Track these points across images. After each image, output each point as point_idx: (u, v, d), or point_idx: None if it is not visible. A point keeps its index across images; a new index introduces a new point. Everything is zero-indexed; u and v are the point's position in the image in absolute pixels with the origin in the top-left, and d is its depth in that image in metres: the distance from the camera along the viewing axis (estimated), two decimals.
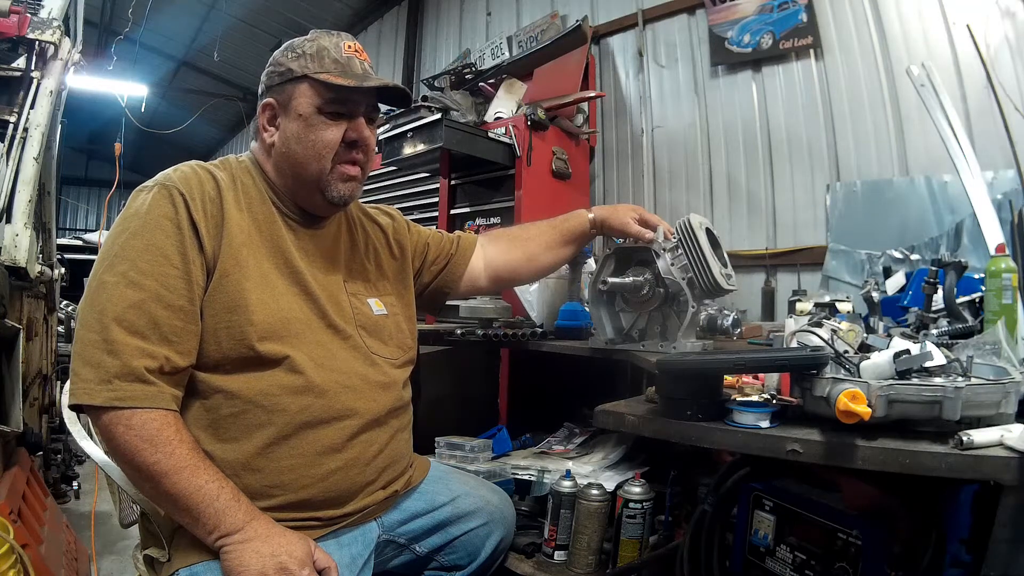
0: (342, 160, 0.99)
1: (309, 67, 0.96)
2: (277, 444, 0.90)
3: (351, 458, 0.96)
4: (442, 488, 1.15)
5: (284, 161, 0.99)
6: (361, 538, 0.99)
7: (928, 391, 0.73)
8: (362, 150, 1.00)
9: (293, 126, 0.97)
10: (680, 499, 1.43)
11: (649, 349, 1.30)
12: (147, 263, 0.85)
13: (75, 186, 11.47)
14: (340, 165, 0.99)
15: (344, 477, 0.95)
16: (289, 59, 0.98)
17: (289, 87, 0.97)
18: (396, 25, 4.79)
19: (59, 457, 2.69)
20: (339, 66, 0.97)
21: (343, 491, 0.96)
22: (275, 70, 0.99)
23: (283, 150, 0.99)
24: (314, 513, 0.93)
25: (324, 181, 0.98)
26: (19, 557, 1.19)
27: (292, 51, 0.99)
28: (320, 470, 0.92)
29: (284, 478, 0.90)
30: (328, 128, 0.97)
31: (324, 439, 0.93)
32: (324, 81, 0.95)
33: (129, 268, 0.85)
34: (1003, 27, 1.97)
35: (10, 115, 2.06)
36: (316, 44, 0.98)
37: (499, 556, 1.21)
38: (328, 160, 0.97)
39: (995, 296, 1.09)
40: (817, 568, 0.93)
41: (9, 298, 1.91)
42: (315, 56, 0.97)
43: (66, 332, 4.28)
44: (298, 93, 0.96)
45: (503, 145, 2.60)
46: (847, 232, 2.24)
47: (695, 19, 2.81)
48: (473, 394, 1.95)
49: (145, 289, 0.84)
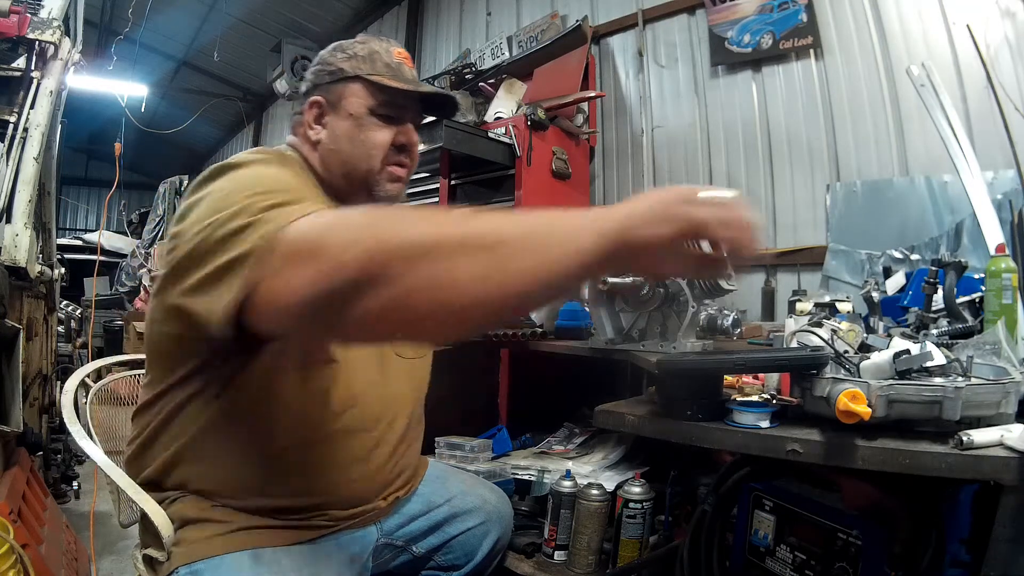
0: (391, 162, 0.99)
1: (362, 68, 0.96)
2: (311, 447, 0.90)
3: (376, 466, 0.97)
4: (439, 488, 1.15)
5: (333, 159, 0.98)
6: (360, 540, 0.99)
7: (928, 391, 0.73)
8: (409, 155, 1.01)
9: (344, 125, 0.97)
10: (680, 499, 1.43)
11: (649, 349, 1.30)
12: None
13: (75, 186, 11.46)
14: (389, 166, 0.99)
15: (362, 484, 0.97)
16: (340, 59, 0.98)
17: (340, 86, 0.97)
18: (396, 25, 4.78)
19: (59, 457, 2.69)
20: (391, 70, 0.98)
21: (355, 496, 0.96)
22: (324, 69, 0.99)
23: (332, 147, 0.98)
24: (323, 512, 0.93)
25: (373, 180, 0.98)
26: (19, 557, 1.19)
27: (342, 51, 0.99)
28: (347, 476, 0.93)
29: (311, 481, 0.90)
30: (379, 129, 0.97)
31: (355, 446, 0.94)
32: (378, 83, 0.95)
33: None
34: (1003, 27, 1.97)
35: (10, 115, 2.06)
36: (368, 47, 0.99)
37: (496, 555, 1.21)
38: (378, 160, 0.97)
39: (995, 296, 1.09)
40: (817, 568, 0.93)
41: (9, 298, 1.91)
42: (367, 58, 0.97)
43: (66, 332, 4.29)
44: (349, 93, 0.96)
45: (503, 145, 2.60)
46: (847, 232, 2.24)
47: (695, 19, 2.81)
48: (473, 394, 1.95)
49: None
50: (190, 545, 0.85)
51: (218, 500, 0.88)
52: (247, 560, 0.84)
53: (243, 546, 0.85)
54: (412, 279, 0.53)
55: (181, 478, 0.89)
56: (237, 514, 0.88)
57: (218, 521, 0.87)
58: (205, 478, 0.88)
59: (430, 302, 0.55)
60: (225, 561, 0.83)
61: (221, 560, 0.83)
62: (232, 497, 0.88)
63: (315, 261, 0.56)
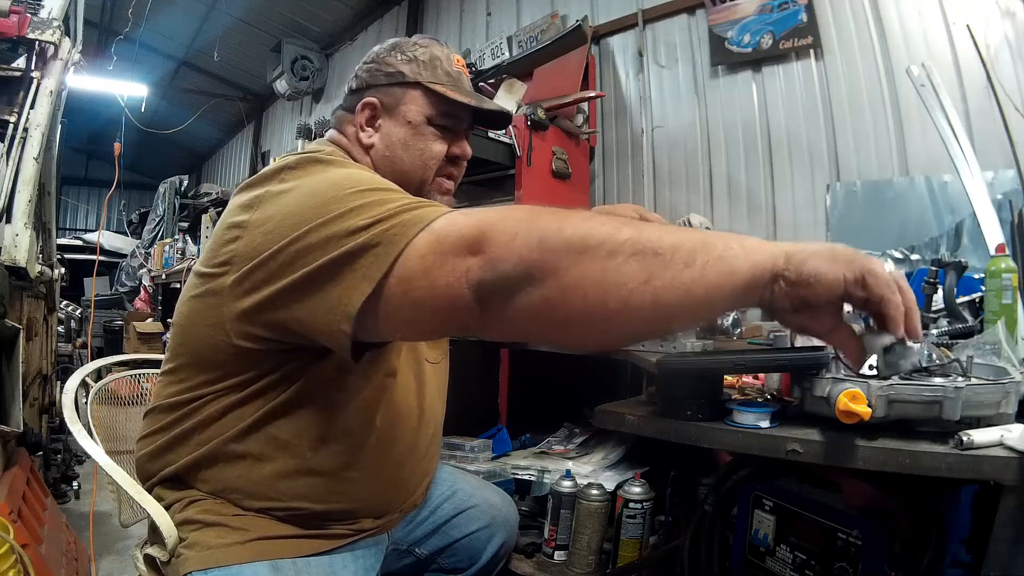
0: (442, 173, 0.98)
1: (423, 74, 0.93)
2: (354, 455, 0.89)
3: (407, 473, 0.98)
4: (444, 490, 1.15)
5: (387, 165, 0.95)
6: (375, 549, 0.98)
7: (928, 391, 0.73)
8: (458, 167, 1.00)
9: (400, 131, 0.94)
10: (680, 499, 1.43)
11: (649, 349, 1.30)
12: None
13: (75, 186, 11.44)
14: (440, 177, 0.98)
15: (394, 493, 0.97)
16: (400, 61, 0.95)
17: (398, 90, 0.94)
18: (396, 25, 4.78)
19: (59, 457, 2.69)
20: (451, 79, 0.95)
21: (388, 503, 0.96)
22: (381, 69, 0.95)
23: (386, 153, 0.95)
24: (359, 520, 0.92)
25: (426, 191, 0.96)
26: (19, 557, 1.19)
27: (402, 53, 0.95)
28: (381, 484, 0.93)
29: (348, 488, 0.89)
30: (436, 140, 0.95)
31: (393, 454, 0.94)
32: (440, 93, 0.93)
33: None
34: (1003, 27, 1.97)
35: (10, 115, 2.06)
36: (429, 52, 0.95)
37: (501, 559, 1.20)
38: (432, 171, 0.96)
39: (995, 296, 1.09)
40: (817, 568, 0.93)
41: (9, 298, 1.91)
42: (428, 64, 0.94)
43: (66, 332, 4.29)
44: (408, 99, 0.94)
45: (503, 145, 2.60)
46: (847, 232, 2.24)
47: (695, 19, 2.80)
48: (473, 394, 1.95)
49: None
50: (206, 550, 0.82)
51: (247, 504, 0.85)
52: (265, 571, 0.82)
53: (261, 556, 0.83)
54: (575, 274, 0.53)
55: (209, 478, 0.86)
56: (258, 521, 0.85)
57: (237, 528, 0.84)
58: (237, 480, 0.85)
59: (587, 301, 0.54)
60: (243, 571, 0.81)
61: (239, 570, 0.80)
62: (267, 500, 0.85)
63: (482, 252, 0.55)
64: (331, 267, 0.63)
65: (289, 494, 0.86)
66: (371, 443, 0.90)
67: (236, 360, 0.81)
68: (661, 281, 0.52)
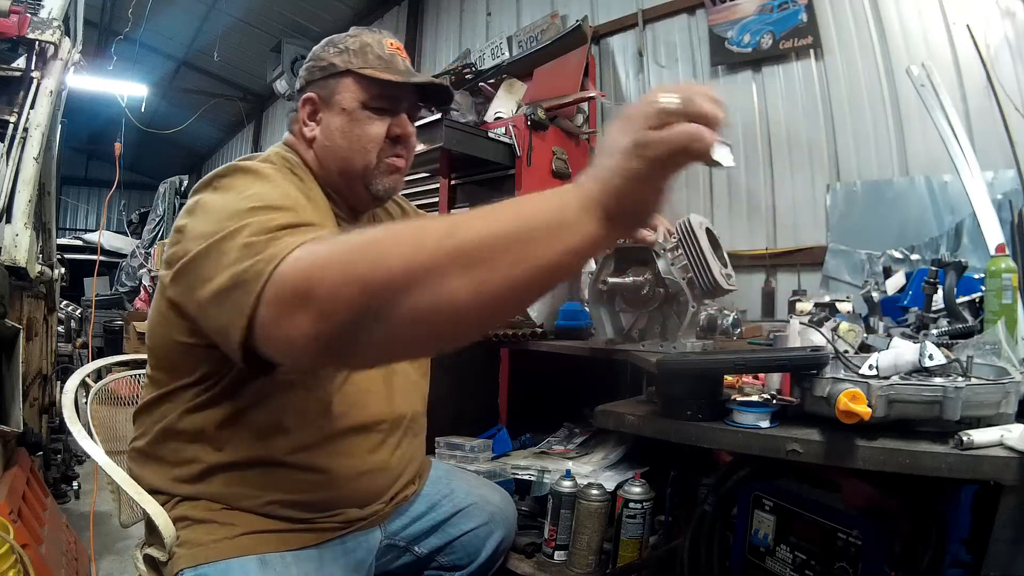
0: (387, 155, 0.98)
1: (353, 62, 0.95)
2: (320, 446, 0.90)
3: (383, 461, 0.97)
4: (442, 488, 1.15)
5: (328, 155, 0.98)
6: (365, 543, 0.99)
7: (928, 391, 0.73)
8: (405, 146, 1.01)
9: (337, 120, 0.96)
10: (680, 499, 1.43)
11: (649, 349, 1.30)
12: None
13: (75, 186, 11.44)
14: (386, 159, 0.98)
15: (374, 479, 0.97)
16: (331, 54, 0.97)
17: (332, 82, 0.96)
18: (396, 25, 4.78)
19: (59, 457, 2.69)
20: (383, 62, 0.96)
21: (368, 493, 0.97)
22: (316, 64, 0.98)
23: (327, 144, 0.97)
24: (337, 512, 0.93)
25: (370, 175, 0.98)
26: (19, 557, 1.19)
27: (334, 46, 0.98)
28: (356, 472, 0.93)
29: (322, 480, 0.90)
30: (373, 123, 0.96)
31: (364, 443, 0.94)
32: (369, 76, 0.95)
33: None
34: (1003, 27, 1.97)
35: (10, 115, 2.06)
36: (359, 40, 0.98)
37: (499, 556, 1.21)
38: (373, 154, 0.97)
39: (995, 296, 1.09)
40: (817, 568, 0.93)
41: (9, 298, 1.91)
42: (359, 52, 0.96)
43: (66, 332, 4.29)
44: (342, 88, 0.96)
45: (503, 145, 2.60)
46: (847, 232, 2.24)
47: (695, 19, 2.81)
48: (473, 394, 1.95)
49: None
50: (195, 547, 0.84)
51: (228, 501, 0.87)
52: (254, 566, 0.83)
53: (250, 551, 0.84)
54: (408, 309, 0.52)
55: (195, 479, 0.88)
56: (245, 516, 0.87)
57: (225, 524, 0.86)
58: (221, 479, 0.87)
59: (431, 324, 0.54)
60: (232, 566, 0.82)
61: (227, 565, 0.82)
62: (244, 497, 0.87)
63: (309, 307, 0.54)
64: (219, 294, 0.65)
65: (263, 487, 0.87)
66: (334, 430, 0.90)
67: (187, 358, 0.85)
68: (496, 283, 0.52)
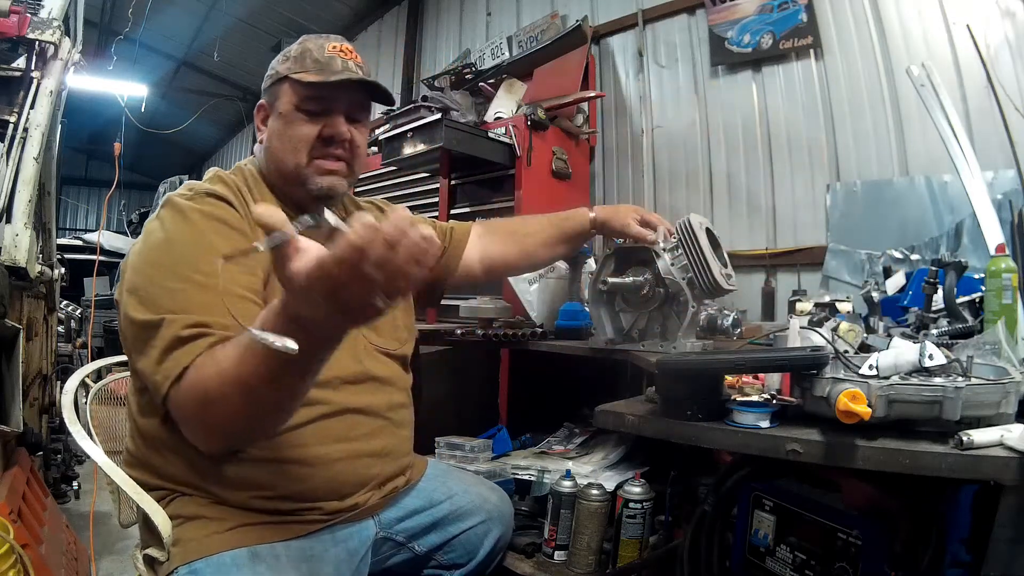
0: (318, 155, 1.00)
1: (292, 68, 1.00)
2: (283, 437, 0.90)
3: (354, 450, 0.97)
4: (440, 486, 1.15)
5: (269, 157, 1.03)
6: (358, 534, 0.99)
7: (928, 391, 0.73)
8: (341, 146, 1.01)
9: (275, 124, 1.02)
10: (680, 499, 1.43)
11: (649, 349, 1.30)
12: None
13: (75, 186, 11.44)
14: (317, 159, 1.00)
15: (346, 468, 0.96)
16: (279, 62, 1.03)
17: (275, 88, 1.02)
18: (396, 25, 4.78)
19: (59, 457, 2.69)
20: (318, 65, 0.99)
21: (344, 483, 0.97)
22: (268, 74, 1.05)
23: (267, 146, 1.03)
24: (315, 504, 0.93)
25: (303, 175, 1.00)
26: (19, 557, 1.19)
27: (283, 55, 1.04)
28: (328, 461, 0.94)
29: (294, 472, 0.91)
30: (303, 124, 0.99)
31: (330, 431, 0.95)
32: (299, 80, 0.98)
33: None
34: (1003, 27, 1.97)
35: (10, 115, 2.06)
36: (302, 47, 1.02)
37: (498, 554, 1.21)
38: (303, 155, 0.99)
39: (995, 296, 1.09)
40: (817, 568, 0.93)
41: (9, 298, 1.91)
42: (298, 58, 1.00)
43: (66, 332, 4.28)
44: (281, 93, 1.01)
45: (503, 145, 2.60)
46: (847, 232, 2.24)
47: (695, 19, 2.80)
48: (473, 394, 1.95)
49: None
50: (188, 544, 0.85)
51: (214, 495, 0.89)
52: (245, 558, 0.84)
53: (241, 543, 0.86)
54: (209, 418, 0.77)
55: (175, 474, 0.90)
56: (234, 511, 0.88)
57: (215, 519, 0.87)
58: (196, 474, 0.89)
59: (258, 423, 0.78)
60: (224, 560, 0.84)
61: (220, 559, 0.84)
62: (230, 492, 0.89)
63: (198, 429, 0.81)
64: (141, 370, 0.84)
65: (245, 484, 0.89)
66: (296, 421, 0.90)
67: None
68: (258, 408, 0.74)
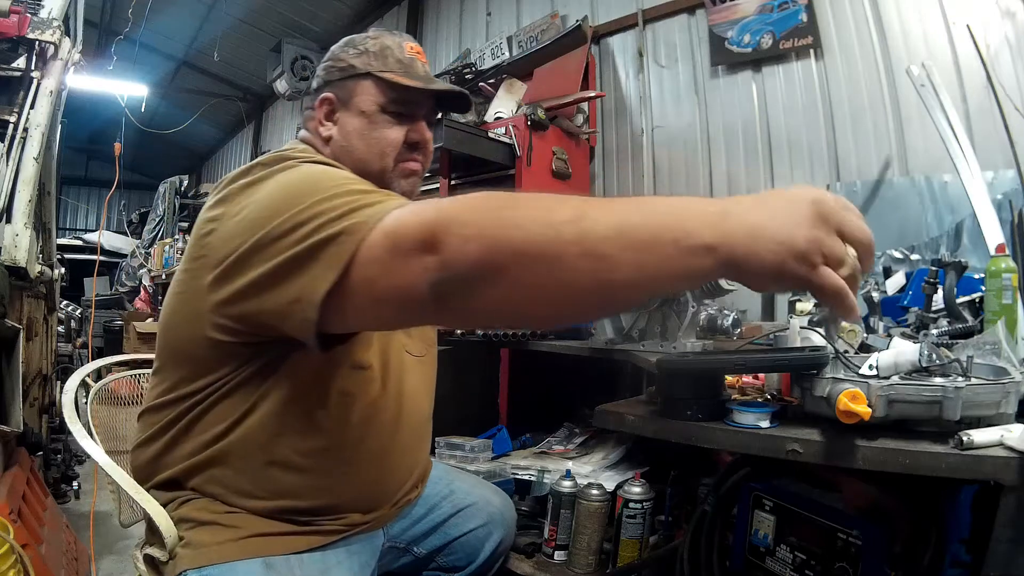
0: (403, 159, 0.98)
1: (373, 65, 0.95)
2: (335, 450, 0.89)
3: (391, 467, 0.97)
4: (442, 488, 1.15)
5: (345, 156, 0.97)
6: (369, 546, 0.98)
7: (928, 391, 0.73)
8: (422, 152, 1.00)
9: (355, 122, 0.96)
10: (680, 499, 1.43)
11: (649, 349, 1.30)
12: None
13: (75, 186, 11.44)
14: (402, 163, 0.98)
15: (381, 487, 0.97)
16: (351, 55, 0.97)
17: (351, 83, 0.96)
18: (396, 25, 4.78)
19: (59, 457, 2.69)
20: (403, 66, 0.96)
21: (376, 498, 0.96)
22: (335, 65, 0.98)
23: (343, 144, 0.96)
24: (347, 515, 0.92)
25: (387, 178, 0.97)
26: (19, 557, 1.19)
27: (353, 47, 0.97)
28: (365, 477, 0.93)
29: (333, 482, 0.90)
30: (391, 127, 0.96)
31: (375, 447, 0.94)
32: (389, 80, 0.94)
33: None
34: (1003, 27, 1.97)
35: (10, 115, 2.06)
36: (379, 42, 0.97)
37: (499, 557, 1.21)
38: (391, 159, 0.96)
39: (995, 296, 1.09)
40: (817, 568, 0.93)
41: (9, 298, 1.91)
42: (379, 54, 0.96)
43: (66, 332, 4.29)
44: (360, 90, 0.95)
45: (503, 145, 2.60)
46: None
47: (695, 19, 2.81)
48: (473, 394, 1.95)
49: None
50: (200, 548, 0.83)
51: (236, 502, 0.86)
52: (259, 568, 0.82)
53: (255, 553, 0.83)
54: (527, 278, 0.54)
55: (203, 479, 0.87)
56: (250, 518, 0.86)
57: (230, 526, 0.85)
58: (228, 479, 0.86)
59: (537, 300, 0.56)
60: (236, 568, 0.82)
61: (232, 567, 0.81)
62: (253, 499, 0.86)
63: (437, 251, 0.56)
64: (297, 260, 0.65)
65: (272, 491, 0.87)
66: (348, 437, 0.90)
67: (211, 355, 0.83)
68: (616, 282, 0.53)
